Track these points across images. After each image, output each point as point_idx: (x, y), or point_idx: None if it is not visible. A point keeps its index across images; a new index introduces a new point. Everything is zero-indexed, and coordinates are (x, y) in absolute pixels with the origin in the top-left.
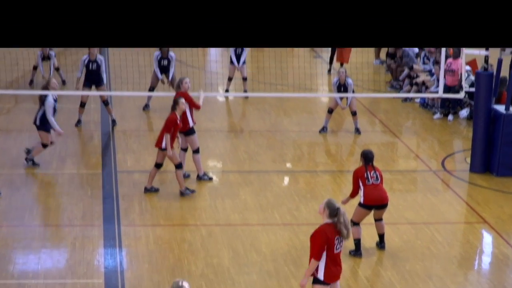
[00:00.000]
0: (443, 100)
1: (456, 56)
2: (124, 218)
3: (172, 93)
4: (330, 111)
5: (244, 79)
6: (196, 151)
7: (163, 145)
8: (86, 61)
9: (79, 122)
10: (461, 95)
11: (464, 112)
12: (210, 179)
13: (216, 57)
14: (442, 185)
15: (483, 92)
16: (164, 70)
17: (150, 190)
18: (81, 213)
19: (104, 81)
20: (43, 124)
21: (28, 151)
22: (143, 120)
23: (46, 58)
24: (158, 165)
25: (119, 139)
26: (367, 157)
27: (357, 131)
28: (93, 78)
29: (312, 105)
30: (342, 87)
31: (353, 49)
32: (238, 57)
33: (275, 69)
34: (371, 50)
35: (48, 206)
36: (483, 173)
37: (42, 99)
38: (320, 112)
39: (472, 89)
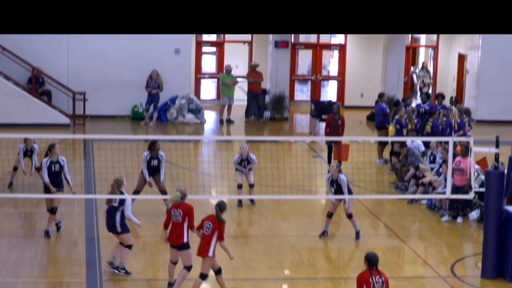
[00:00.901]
0: (452, 202)
1: (465, 154)
2: None
3: (158, 196)
4: (330, 215)
5: (251, 185)
6: (188, 268)
7: (210, 253)
8: (48, 163)
9: (46, 233)
10: (470, 195)
11: (474, 214)
12: None
13: (209, 157)
14: None
15: (494, 192)
16: (154, 171)
17: None
18: None
19: (66, 184)
20: (124, 227)
21: (111, 264)
22: (130, 225)
23: (28, 152)
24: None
25: (105, 246)
26: (371, 261)
27: (357, 234)
28: (55, 181)
29: (312, 208)
30: (334, 183)
31: (354, 148)
32: (244, 167)
33: (271, 169)
34: (374, 149)
35: None
36: (495, 278)
37: (120, 202)
38: (320, 216)
39: (482, 189)
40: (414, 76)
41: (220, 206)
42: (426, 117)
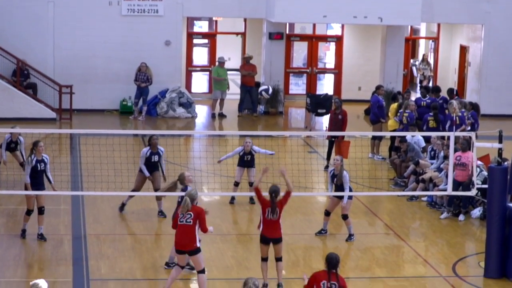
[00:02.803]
0: (451, 198)
1: (465, 149)
2: None
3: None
4: (327, 213)
5: (251, 184)
6: (202, 271)
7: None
8: (34, 162)
9: (23, 232)
10: (472, 192)
11: (476, 212)
12: None
13: (200, 153)
14: None
15: (497, 189)
16: (155, 167)
17: None
18: None
19: (51, 182)
20: None
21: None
22: (118, 223)
23: (12, 143)
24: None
25: (92, 244)
26: (330, 263)
27: (349, 237)
28: (39, 180)
29: (308, 205)
30: (335, 178)
31: (352, 143)
32: (246, 160)
33: (265, 165)
34: (373, 144)
35: None
36: (499, 278)
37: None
38: (317, 213)
39: (485, 186)
40: (414, 69)
41: (275, 192)
42: (434, 112)
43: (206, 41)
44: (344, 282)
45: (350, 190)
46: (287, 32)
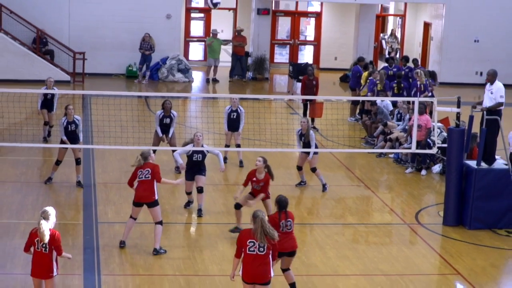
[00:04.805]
0: (413, 155)
1: (422, 112)
2: (104, 268)
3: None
4: (299, 168)
5: (237, 145)
6: (160, 222)
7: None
8: (65, 123)
9: (49, 179)
10: (433, 150)
11: (436, 167)
12: (165, 251)
13: (196, 113)
14: (416, 238)
15: (455, 148)
16: (166, 129)
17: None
18: (62, 262)
19: (80, 140)
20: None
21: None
22: (124, 173)
23: (49, 94)
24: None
25: (101, 192)
26: (281, 204)
27: (323, 187)
28: (72, 139)
29: (289, 160)
30: (303, 137)
31: (328, 106)
32: (233, 119)
33: (253, 125)
34: (346, 107)
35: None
36: (456, 226)
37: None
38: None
39: (445, 145)
40: (383, 42)
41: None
42: (398, 80)
43: (202, 15)
44: (292, 215)
45: (316, 147)
46: (273, 8)
